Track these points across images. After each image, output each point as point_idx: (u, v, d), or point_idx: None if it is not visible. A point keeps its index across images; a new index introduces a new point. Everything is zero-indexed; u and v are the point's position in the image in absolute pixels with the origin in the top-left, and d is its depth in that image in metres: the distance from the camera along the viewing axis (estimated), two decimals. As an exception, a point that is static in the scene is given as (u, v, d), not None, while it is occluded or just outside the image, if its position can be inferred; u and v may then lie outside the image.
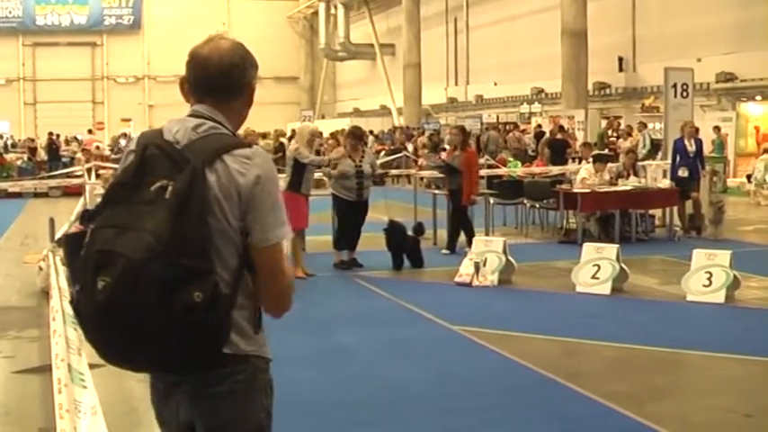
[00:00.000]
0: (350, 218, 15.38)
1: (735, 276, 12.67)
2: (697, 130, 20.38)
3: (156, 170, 3.33)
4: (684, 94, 21.45)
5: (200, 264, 3.23)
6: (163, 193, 3.24)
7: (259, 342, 3.58)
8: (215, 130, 3.50)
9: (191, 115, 3.57)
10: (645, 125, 32.76)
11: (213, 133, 3.49)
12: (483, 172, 24.73)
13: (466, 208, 17.01)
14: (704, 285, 12.60)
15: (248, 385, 3.53)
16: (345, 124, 49.40)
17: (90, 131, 49.82)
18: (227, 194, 3.36)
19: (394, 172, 30.35)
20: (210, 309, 3.20)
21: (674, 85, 21.40)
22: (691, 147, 19.61)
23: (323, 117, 67.96)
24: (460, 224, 17.07)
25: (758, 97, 35.12)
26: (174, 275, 3.15)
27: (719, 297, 12.44)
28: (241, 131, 4.44)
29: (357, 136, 15.94)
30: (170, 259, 3.15)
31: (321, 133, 38.67)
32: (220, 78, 3.56)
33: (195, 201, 3.26)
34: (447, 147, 24.05)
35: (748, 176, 29.75)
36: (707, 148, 24.04)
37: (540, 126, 39.05)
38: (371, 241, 15.85)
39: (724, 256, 12.80)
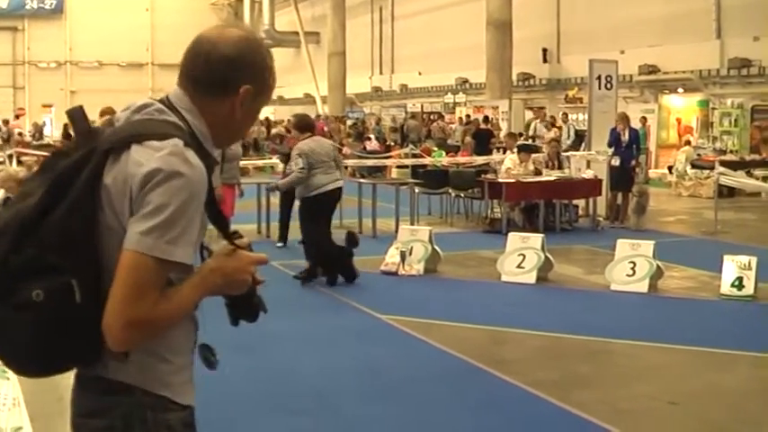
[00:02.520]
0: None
1: (658, 266, 12.83)
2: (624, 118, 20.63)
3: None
4: (608, 85, 21.60)
5: (50, 258, 2.68)
6: None
7: (156, 373, 2.91)
8: (159, 114, 2.89)
9: (157, 95, 3.02)
10: (567, 116, 33.06)
11: (150, 118, 2.87)
12: (407, 161, 24.84)
13: None
14: (628, 275, 12.74)
15: (127, 424, 2.87)
16: (270, 112, 49.24)
17: (17, 117, 49.01)
18: (120, 189, 2.74)
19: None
20: (44, 314, 2.66)
21: (599, 77, 21.54)
22: (624, 136, 19.85)
23: (247, 105, 67.50)
24: None
25: (680, 89, 35.57)
26: (19, 262, 2.68)
27: (643, 286, 12.59)
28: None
29: (299, 127, 13.91)
30: (20, 241, 2.70)
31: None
32: (203, 71, 2.94)
33: (75, 187, 2.73)
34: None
35: (670, 168, 30.12)
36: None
37: (468, 116, 39.17)
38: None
39: (647, 246, 12.95)
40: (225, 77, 2.93)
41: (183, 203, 2.71)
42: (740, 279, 12.23)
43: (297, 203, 14.76)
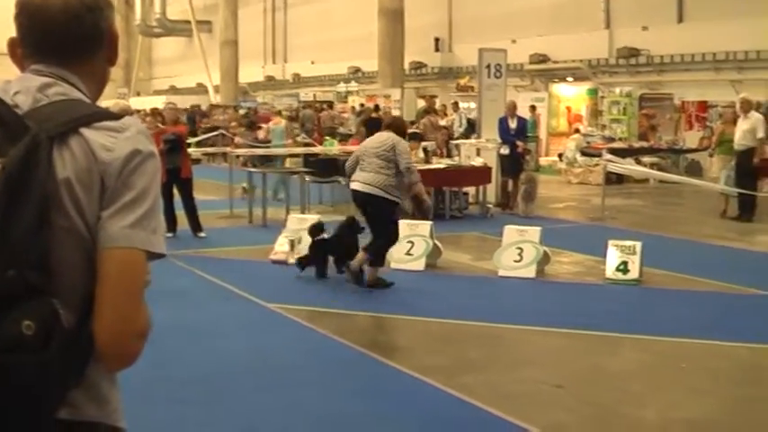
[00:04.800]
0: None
1: (545, 252, 12.96)
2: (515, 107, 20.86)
3: None
4: (498, 74, 21.77)
5: (34, 279, 2.18)
6: None
7: (113, 403, 2.47)
8: (72, 93, 2.44)
9: (33, 74, 2.48)
10: (457, 105, 33.26)
11: (67, 98, 2.41)
12: (299, 150, 24.74)
13: (191, 183, 16.52)
14: (515, 261, 12.85)
15: None
16: (161, 102, 48.84)
17: None
18: (84, 180, 2.29)
19: (210, 150, 30.02)
20: (44, 349, 2.15)
21: (488, 66, 21.70)
22: (512, 124, 20.06)
23: (138, 94, 66.83)
24: (192, 201, 16.41)
25: (570, 78, 36.06)
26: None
27: (530, 272, 12.71)
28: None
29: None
30: None
31: (133, 111, 38.02)
32: (70, 27, 2.46)
33: (33, 187, 2.21)
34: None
35: (560, 155, 30.49)
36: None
37: (363, 105, 39.16)
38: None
39: (534, 232, 13.08)
40: (95, 26, 2.52)
41: (158, 187, 2.40)
42: (625, 263, 12.42)
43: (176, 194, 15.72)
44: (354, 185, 12.15)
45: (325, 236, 12.86)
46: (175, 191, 16.01)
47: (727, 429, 7.11)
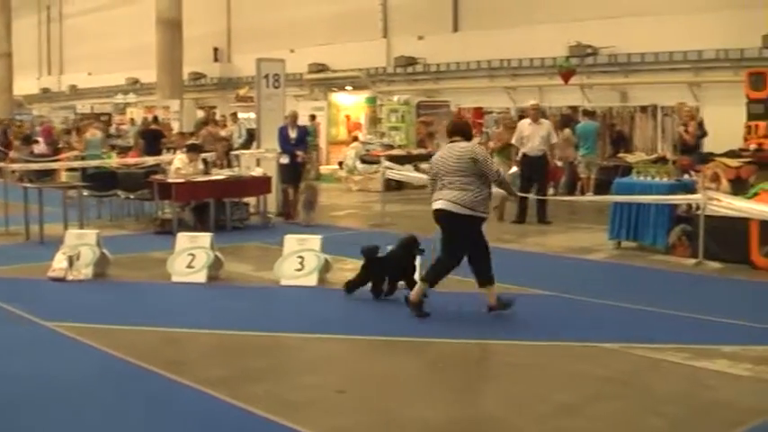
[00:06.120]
0: None
1: (326, 259, 13.12)
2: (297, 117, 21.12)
3: None
4: (276, 84, 21.87)
5: None
6: None
7: None
8: None
9: None
10: (236, 115, 33.25)
11: None
12: (76, 164, 24.25)
13: None
14: (297, 270, 12.96)
15: None
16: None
17: None
18: None
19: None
20: None
21: (267, 76, 21.78)
22: (293, 134, 20.24)
23: None
24: None
25: (348, 87, 36.46)
26: None
27: (312, 280, 12.86)
28: None
29: (446, 131, 12.15)
30: None
31: None
32: None
33: None
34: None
35: (340, 163, 30.80)
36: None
37: (147, 118, 38.65)
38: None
39: (315, 240, 13.23)
40: None
41: None
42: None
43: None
44: (438, 204, 11.19)
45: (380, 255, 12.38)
46: None
47: (506, 424, 7.37)
